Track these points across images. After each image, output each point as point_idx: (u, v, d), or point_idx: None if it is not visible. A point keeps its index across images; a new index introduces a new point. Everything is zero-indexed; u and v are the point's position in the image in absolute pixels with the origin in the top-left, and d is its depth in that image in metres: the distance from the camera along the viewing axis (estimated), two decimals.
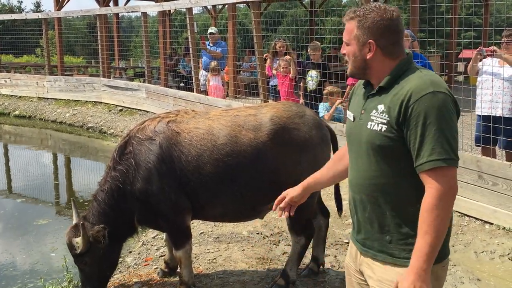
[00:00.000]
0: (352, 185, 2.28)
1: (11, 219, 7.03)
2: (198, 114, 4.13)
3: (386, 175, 2.12)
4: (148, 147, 3.87)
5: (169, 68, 13.43)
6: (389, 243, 2.16)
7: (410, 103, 2.01)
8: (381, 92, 2.15)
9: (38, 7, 53.16)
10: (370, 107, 2.16)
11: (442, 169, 1.96)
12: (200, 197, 3.93)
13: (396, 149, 2.07)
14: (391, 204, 2.13)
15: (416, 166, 2.02)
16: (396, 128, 2.05)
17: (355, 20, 2.15)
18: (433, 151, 1.96)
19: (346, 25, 2.20)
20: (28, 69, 19.37)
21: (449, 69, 11.94)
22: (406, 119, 2.02)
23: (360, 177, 2.21)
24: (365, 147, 2.15)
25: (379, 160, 2.12)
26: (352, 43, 2.19)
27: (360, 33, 2.15)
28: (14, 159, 11.48)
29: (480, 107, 6.27)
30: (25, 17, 20.44)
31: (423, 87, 2.02)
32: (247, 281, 4.33)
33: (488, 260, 4.77)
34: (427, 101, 1.99)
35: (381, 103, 2.11)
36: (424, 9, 10.62)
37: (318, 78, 8.51)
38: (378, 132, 2.09)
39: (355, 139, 2.23)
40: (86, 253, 3.87)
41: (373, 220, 2.19)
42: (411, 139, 2.02)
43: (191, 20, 11.27)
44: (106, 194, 3.92)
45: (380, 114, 2.10)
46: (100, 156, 10.92)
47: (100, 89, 14.35)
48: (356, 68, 2.22)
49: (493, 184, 5.40)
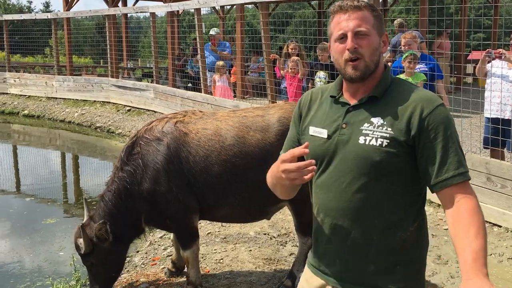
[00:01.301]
0: (329, 209, 1.96)
1: (20, 218, 7.07)
2: (205, 115, 4.13)
3: (378, 196, 1.89)
4: (156, 147, 3.88)
5: (177, 68, 13.47)
6: (373, 274, 1.92)
7: (425, 114, 1.84)
8: (370, 104, 1.93)
9: (47, 7, 53.48)
10: (356, 120, 1.92)
11: (468, 182, 1.84)
12: (207, 198, 3.93)
13: (397, 166, 1.87)
14: (380, 229, 1.90)
15: (440, 182, 1.82)
16: (402, 143, 1.85)
17: (368, 9, 1.92)
18: (459, 164, 1.82)
19: (356, 13, 1.90)
20: (37, 69, 19.48)
21: (458, 70, 11.88)
22: (422, 132, 1.83)
23: (342, 200, 1.92)
24: (353, 165, 1.89)
25: (372, 179, 1.87)
26: (372, 33, 1.91)
27: (378, 22, 1.94)
28: (23, 158, 11.55)
29: (489, 110, 6.24)
30: (35, 17, 20.59)
31: (432, 98, 1.89)
32: (254, 281, 4.33)
33: (496, 263, 4.74)
34: (442, 113, 1.85)
35: (376, 115, 1.89)
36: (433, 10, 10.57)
37: (326, 79, 8.50)
38: (378, 147, 1.85)
39: (333, 157, 1.93)
40: (91, 254, 3.87)
41: (356, 248, 1.92)
42: (429, 153, 1.83)
43: (199, 20, 11.29)
44: (113, 194, 3.92)
45: (378, 128, 1.87)
46: (108, 156, 10.97)
47: (108, 89, 14.41)
48: (373, 64, 1.92)
49: (502, 187, 5.38)
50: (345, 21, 1.90)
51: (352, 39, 1.88)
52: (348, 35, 1.89)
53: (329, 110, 2.01)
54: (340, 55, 1.92)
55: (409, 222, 1.92)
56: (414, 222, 1.94)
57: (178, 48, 14.78)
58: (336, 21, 1.94)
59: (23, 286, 4.93)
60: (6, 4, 49.23)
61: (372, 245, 1.91)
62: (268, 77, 9.42)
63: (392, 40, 10.30)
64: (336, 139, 1.93)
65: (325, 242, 2.00)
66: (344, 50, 1.90)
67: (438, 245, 5.02)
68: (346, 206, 1.91)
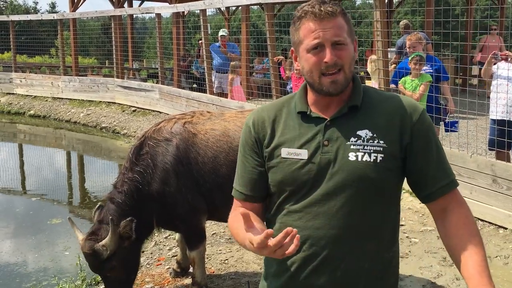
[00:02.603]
0: (317, 238, 1.70)
1: (26, 218, 7.11)
2: (213, 116, 4.14)
3: (374, 216, 1.72)
4: (165, 148, 3.87)
5: (182, 69, 13.49)
6: None
7: (413, 122, 1.71)
8: (349, 115, 1.73)
9: (53, 8, 53.66)
10: (340, 135, 1.70)
11: (457, 188, 1.78)
12: (216, 199, 3.92)
13: (392, 181, 1.73)
14: (372, 253, 1.73)
15: (435, 191, 1.73)
16: (397, 155, 1.70)
17: (341, 14, 1.70)
18: (450, 171, 1.76)
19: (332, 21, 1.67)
20: (43, 69, 19.56)
21: (464, 72, 11.85)
22: (413, 141, 1.70)
23: (335, 226, 1.69)
24: (346, 186, 1.68)
25: (368, 199, 1.69)
26: (348, 42, 1.70)
27: (350, 29, 1.73)
28: (29, 158, 11.60)
29: (495, 111, 6.23)
30: (41, 17, 20.67)
31: (414, 104, 1.77)
32: (259, 282, 4.32)
33: (501, 265, 4.72)
34: (427, 120, 1.75)
35: (362, 127, 1.70)
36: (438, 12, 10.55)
37: None
38: (372, 163, 1.66)
39: (319, 180, 1.70)
40: (114, 255, 3.61)
41: (347, 278, 1.72)
42: (422, 162, 1.72)
43: (205, 21, 11.31)
44: (125, 195, 3.83)
45: (368, 141, 1.68)
46: (113, 156, 11.00)
47: (114, 89, 14.45)
48: (351, 74, 1.73)
49: (508, 189, 5.35)
50: (322, 30, 1.66)
51: (331, 51, 1.66)
52: (326, 46, 1.67)
53: (300, 128, 1.76)
54: (315, 68, 1.69)
55: (394, 242, 1.80)
56: (395, 244, 1.82)
57: (184, 49, 14.81)
58: (307, 28, 1.68)
59: (29, 285, 4.96)
60: (12, 5, 49.45)
61: (363, 271, 1.72)
62: (273, 78, 9.43)
63: (397, 42, 10.28)
64: (318, 158, 1.70)
65: (306, 276, 1.73)
66: (320, 62, 1.68)
67: (443, 247, 5.00)
68: (338, 233, 1.69)
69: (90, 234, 3.72)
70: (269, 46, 9.31)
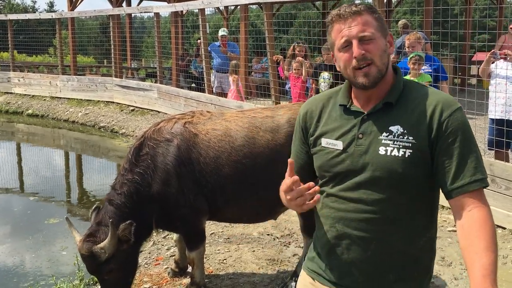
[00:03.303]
0: (348, 220, 1.88)
1: (23, 218, 7.09)
2: (214, 116, 4.09)
3: (401, 206, 1.83)
4: (166, 148, 3.82)
5: (181, 68, 13.48)
6: (393, 282, 1.88)
7: (443, 118, 1.78)
8: (385, 111, 1.86)
9: (52, 7, 53.61)
10: (374, 129, 1.84)
11: (483, 190, 1.78)
12: (218, 199, 3.89)
13: (419, 176, 1.81)
14: (402, 238, 1.85)
15: (455, 188, 1.77)
16: (426, 151, 1.78)
17: (368, 12, 1.84)
18: (476, 170, 1.76)
19: (357, 19, 1.82)
20: (41, 69, 19.53)
21: (462, 72, 11.86)
22: (440, 136, 1.77)
23: (365, 211, 1.85)
24: (375, 177, 1.82)
25: (395, 191, 1.81)
26: (377, 36, 1.83)
27: (381, 24, 1.86)
28: (27, 158, 11.58)
29: (493, 111, 6.23)
30: (39, 16, 20.63)
31: (450, 101, 1.82)
32: (257, 282, 4.33)
33: (500, 265, 4.72)
34: (460, 117, 1.79)
35: (394, 123, 1.82)
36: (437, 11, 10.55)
37: (330, 80, 8.49)
38: (401, 158, 1.78)
39: (351, 169, 1.86)
40: (112, 258, 3.55)
41: (376, 259, 1.86)
42: (445, 159, 1.77)
43: (204, 21, 11.30)
44: (125, 197, 3.78)
45: (398, 137, 1.80)
46: (111, 156, 10.99)
47: (112, 89, 14.44)
48: (384, 67, 1.84)
49: (506, 188, 5.36)
50: (347, 28, 1.82)
51: (358, 46, 1.80)
52: (353, 42, 1.81)
53: (340, 119, 1.93)
54: (348, 64, 1.84)
55: (427, 231, 1.90)
56: (430, 230, 1.92)
57: (182, 48, 14.79)
58: (336, 29, 1.86)
59: (26, 284, 4.94)
60: (10, 4, 49.37)
61: (393, 255, 1.86)
62: (272, 78, 9.42)
63: (396, 42, 10.27)
64: (352, 150, 1.86)
65: (341, 253, 1.92)
66: (351, 58, 1.82)
67: (442, 246, 5.00)
68: (367, 218, 1.85)
69: (88, 236, 3.66)
70: (268, 45, 9.31)
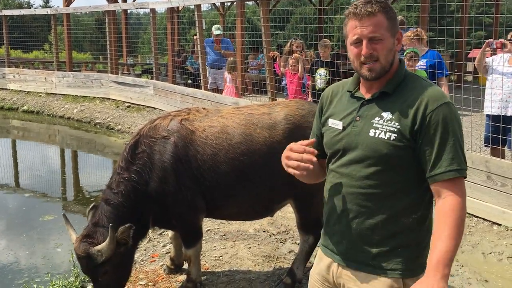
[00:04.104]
0: (339, 193, 2.13)
1: (19, 214, 7.07)
2: (210, 112, 4.05)
3: (386, 185, 2.03)
4: (163, 146, 3.78)
5: (177, 65, 13.44)
6: (377, 256, 2.06)
7: (428, 111, 1.96)
8: (382, 99, 2.07)
9: (47, 2, 53.28)
10: (369, 114, 2.07)
11: (460, 179, 1.95)
12: (215, 197, 3.87)
13: (403, 159, 2.00)
14: (385, 215, 2.04)
15: (432, 176, 1.96)
16: (408, 137, 1.98)
17: (382, 12, 2.01)
18: (453, 161, 1.93)
19: (371, 20, 2.00)
20: (36, 65, 19.44)
21: (459, 68, 11.86)
22: (423, 128, 1.96)
23: (353, 186, 2.08)
24: (364, 156, 2.04)
25: (380, 170, 2.02)
26: (386, 37, 2.02)
27: (392, 24, 2.04)
28: (22, 154, 11.53)
29: (490, 106, 6.23)
30: (34, 12, 20.51)
31: (438, 96, 1.99)
32: (253, 279, 4.32)
33: (496, 262, 4.73)
34: (445, 111, 1.96)
35: (386, 110, 2.03)
36: (434, 8, 10.54)
37: (327, 77, 8.48)
38: (386, 140, 1.99)
39: (347, 147, 2.09)
40: (108, 261, 3.50)
41: (361, 231, 2.08)
42: (426, 148, 1.96)
43: (200, 17, 11.26)
44: (122, 196, 3.73)
45: (387, 122, 2.01)
46: (107, 152, 10.96)
47: (108, 85, 14.38)
48: (388, 64, 2.05)
49: (502, 185, 5.36)
50: (360, 27, 2.02)
51: (367, 45, 2.01)
52: (363, 41, 2.02)
53: (346, 103, 2.17)
54: (356, 58, 2.07)
55: (413, 211, 2.05)
56: (418, 211, 2.06)
57: (178, 45, 14.73)
58: (351, 25, 2.06)
59: (21, 281, 4.93)
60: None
61: (377, 229, 2.05)
62: (268, 74, 9.40)
63: None
64: (350, 130, 2.09)
65: (334, 223, 2.17)
66: (360, 54, 2.04)
67: None
68: (356, 192, 2.07)
69: (85, 236, 3.61)
70: (264, 42, 9.28)
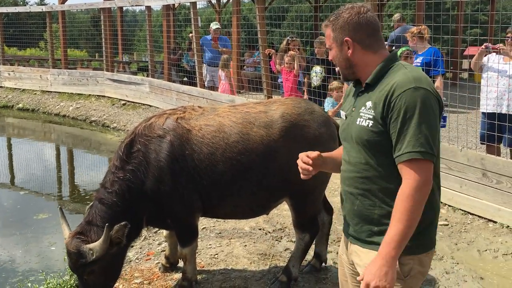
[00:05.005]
0: (344, 178, 2.37)
1: (13, 212, 7.03)
2: (206, 111, 4.02)
3: (375, 168, 2.20)
4: (159, 145, 3.74)
5: (173, 62, 13.40)
6: (376, 234, 2.23)
7: (393, 97, 2.10)
8: (368, 89, 2.25)
9: (42, 0, 53.09)
10: (359, 104, 2.27)
11: (418, 162, 2.05)
12: (212, 196, 3.85)
13: (382, 143, 2.15)
14: (380, 196, 2.21)
15: (395, 157, 2.11)
16: (381, 123, 2.14)
17: (329, 25, 2.31)
18: (409, 144, 2.06)
19: (325, 33, 2.34)
20: (31, 62, 19.35)
21: (454, 66, 11.86)
22: (389, 113, 2.11)
23: (351, 171, 2.30)
24: (355, 142, 2.25)
25: (368, 154, 2.21)
26: (333, 47, 2.32)
27: (336, 34, 2.29)
28: (17, 152, 11.48)
29: (485, 104, 6.23)
30: (29, 10, 20.43)
31: (405, 82, 2.11)
32: (248, 277, 4.31)
33: (491, 259, 4.73)
34: (408, 96, 2.08)
35: (369, 99, 2.21)
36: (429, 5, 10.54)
37: (322, 74, 8.47)
38: (365, 127, 2.18)
39: (347, 135, 2.32)
40: (98, 261, 3.47)
41: (361, 212, 2.27)
42: (392, 132, 2.11)
43: (195, 14, 11.22)
44: (116, 195, 3.71)
45: (368, 110, 2.19)
46: (103, 150, 10.92)
47: (103, 82, 14.33)
48: (343, 69, 2.34)
49: (497, 182, 5.37)
50: None
51: (329, 55, 2.39)
52: None
53: (352, 97, 2.40)
54: None
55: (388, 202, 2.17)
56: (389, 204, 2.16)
57: (174, 42, 14.69)
58: None
59: (15, 280, 4.90)
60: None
61: (375, 209, 2.22)
62: (264, 72, 9.38)
63: (390, 35, 10.26)
64: (348, 120, 2.33)
65: (344, 206, 2.40)
66: None
67: None
68: (353, 176, 2.29)
69: (78, 233, 3.59)
70: (260, 39, 9.26)
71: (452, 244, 5.01)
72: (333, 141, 3.96)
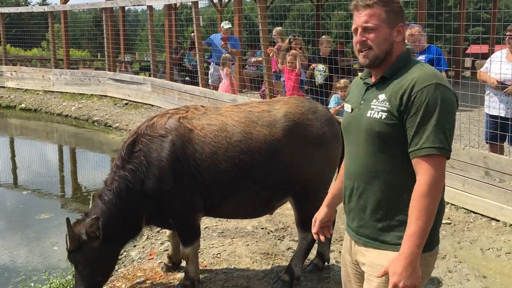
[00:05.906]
0: (349, 173, 2.34)
1: (16, 212, 7.04)
2: (208, 110, 4.01)
3: (384, 162, 2.18)
4: (160, 144, 3.75)
5: (175, 62, 13.40)
6: (381, 231, 2.23)
7: (413, 92, 2.09)
8: (382, 83, 2.24)
9: (44, 0, 53.14)
10: (369, 97, 2.25)
11: (436, 157, 2.05)
12: (214, 196, 3.84)
13: (394, 136, 2.14)
14: (387, 191, 2.20)
15: (410, 152, 2.09)
16: (397, 116, 2.12)
17: (380, 4, 2.19)
18: (428, 139, 2.05)
19: (367, 11, 2.20)
20: (34, 62, 19.38)
21: (456, 64, 11.84)
22: (408, 107, 2.09)
23: (358, 165, 2.27)
24: (364, 135, 2.22)
25: (377, 147, 2.19)
26: (381, 27, 2.20)
27: (391, 16, 2.21)
28: (20, 152, 11.50)
29: (489, 106, 6.21)
30: (31, 10, 20.46)
31: (427, 77, 2.11)
32: (251, 276, 4.31)
33: (494, 258, 4.72)
34: (430, 92, 2.07)
35: (382, 92, 2.20)
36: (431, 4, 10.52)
37: (326, 73, 8.46)
38: (378, 119, 2.16)
39: (353, 128, 2.30)
40: (78, 252, 3.65)
41: (367, 207, 2.26)
42: (409, 126, 2.09)
43: (197, 14, 11.22)
44: (113, 193, 3.75)
45: (380, 103, 2.18)
46: (105, 150, 10.93)
47: (105, 82, 14.35)
48: (382, 52, 2.22)
49: (500, 181, 5.35)
50: (357, 17, 2.24)
51: (360, 34, 2.23)
52: (358, 30, 2.24)
53: (358, 90, 2.38)
54: (355, 46, 2.27)
55: (410, 189, 2.11)
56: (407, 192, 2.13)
57: (176, 42, 14.70)
58: (354, 17, 2.27)
59: (18, 279, 4.91)
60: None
61: (381, 204, 2.21)
62: (266, 71, 9.37)
63: None
64: (355, 113, 2.30)
65: (347, 202, 2.36)
66: (356, 43, 2.26)
67: None
68: (359, 171, 2.26)
69: (75, 223, 3.79)
70: (262, 38, 9.25)
71: (455, 243, 5.00)
72: (337, 140, 3.95)
